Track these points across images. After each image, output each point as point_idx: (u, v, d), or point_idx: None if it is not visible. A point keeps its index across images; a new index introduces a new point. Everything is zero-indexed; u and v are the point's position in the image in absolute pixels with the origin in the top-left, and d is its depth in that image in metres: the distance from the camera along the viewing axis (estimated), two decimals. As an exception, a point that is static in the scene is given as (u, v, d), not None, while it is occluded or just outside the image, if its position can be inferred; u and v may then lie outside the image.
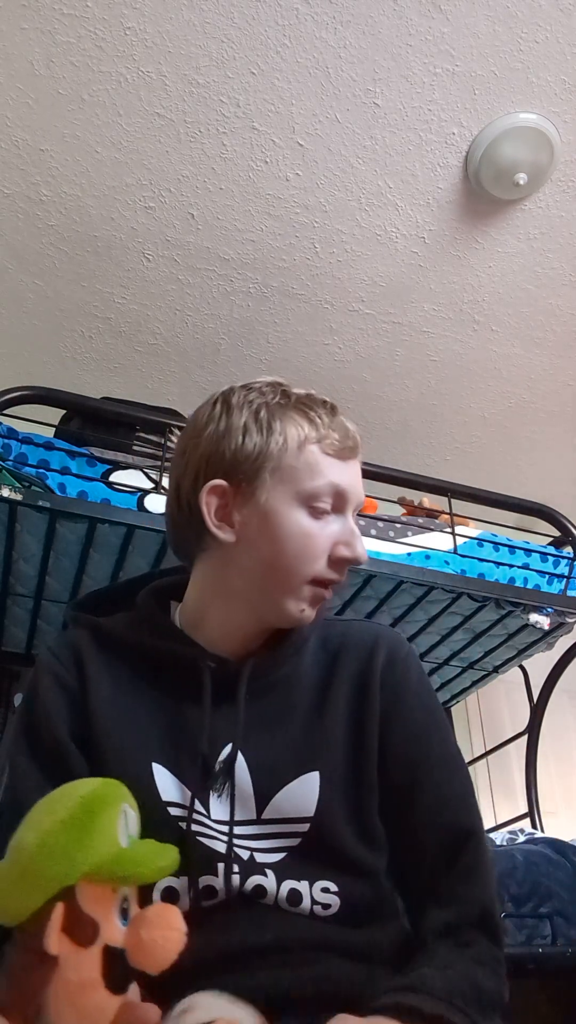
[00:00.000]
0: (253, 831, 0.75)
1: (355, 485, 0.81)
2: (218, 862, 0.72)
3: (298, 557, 0.77)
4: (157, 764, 0.76)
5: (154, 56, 1.73)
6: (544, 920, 1.54)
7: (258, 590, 0.80)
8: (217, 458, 0.80)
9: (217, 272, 2.21)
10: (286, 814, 0.75)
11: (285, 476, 0.78)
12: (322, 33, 1.70)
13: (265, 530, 0.78)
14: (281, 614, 0.80)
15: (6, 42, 1.70)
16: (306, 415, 0.80)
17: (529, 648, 2.17)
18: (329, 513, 0.79)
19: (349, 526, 0.80)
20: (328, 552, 0.78)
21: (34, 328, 2.35)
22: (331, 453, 0.80)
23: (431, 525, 1.96)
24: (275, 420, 0.79)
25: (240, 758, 0.77)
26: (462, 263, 2.21)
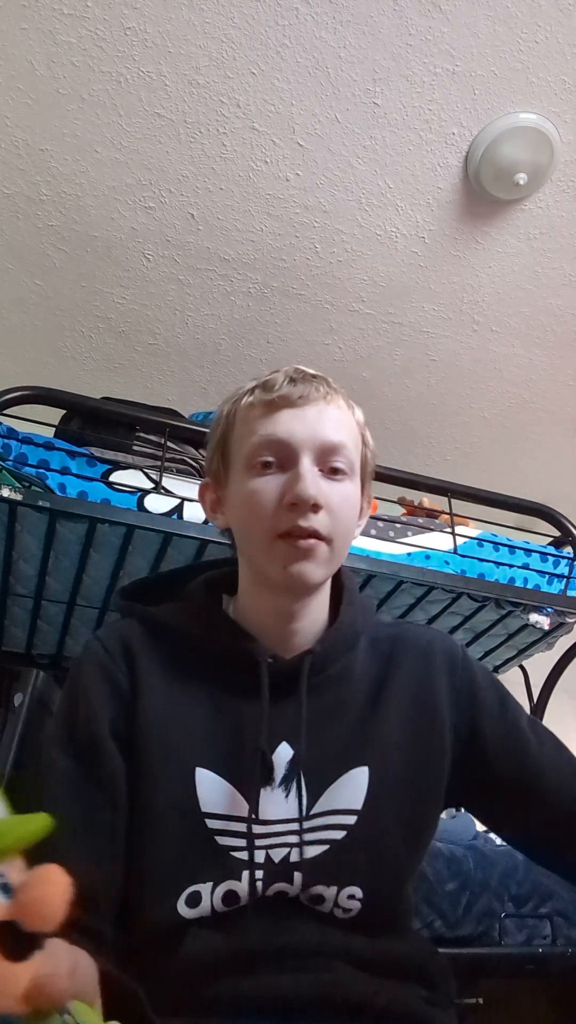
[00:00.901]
0: (299, 828, 0.74)
1: (297, 431, 0.78)
2: (245, 870, 0.71)
3: (250, 517, 0.78)
4: (202, 769, 0.74)
5: (154, 56, 1.73)
6: (544, 920, 1.54)
7: (250, 566, 0.82)
8: (206, 461, 0.87)
9: (217, 272, 2.21)
10: (334, 807, 0.75)
11: (231, 451, 0.82)
12: (322, 33, 1.70)
13: (231, 506, 0.82)
14: (273, 581, 0.79)
15: (6, 42, 1.70)
16: (252, 390, 0.82)
17: (529, 648, 2.17)
18: (274, 466, 0.78)
19: (296, 471, 0.76)
20: (276, 503, 0.76)
21: (34, 328, 2.35)
22: (259, 411, 0.80)
23: (431, 525, 1.96)
24: (225, 407, 0.85)
25: (291, 756, 0.76)
26: (462, 263, 2.21)
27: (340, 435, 0.80)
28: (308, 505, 0.74)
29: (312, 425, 0.78)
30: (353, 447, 0.82)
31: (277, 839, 0.73)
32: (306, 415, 0.79)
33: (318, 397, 0.80)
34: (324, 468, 0.78)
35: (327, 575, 0.80)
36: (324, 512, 0.76)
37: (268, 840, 0.73)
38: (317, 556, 0.76)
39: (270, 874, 0.72)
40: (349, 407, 0.85)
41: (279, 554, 0.76)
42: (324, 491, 0.76)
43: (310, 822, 0.74)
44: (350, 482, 0.80)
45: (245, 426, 0.81)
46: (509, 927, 1.49)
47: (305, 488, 0.74)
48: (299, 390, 0.79)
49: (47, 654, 2.00)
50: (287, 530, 0.75)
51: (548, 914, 1.55)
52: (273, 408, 0.79)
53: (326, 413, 0.80)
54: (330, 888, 0.72)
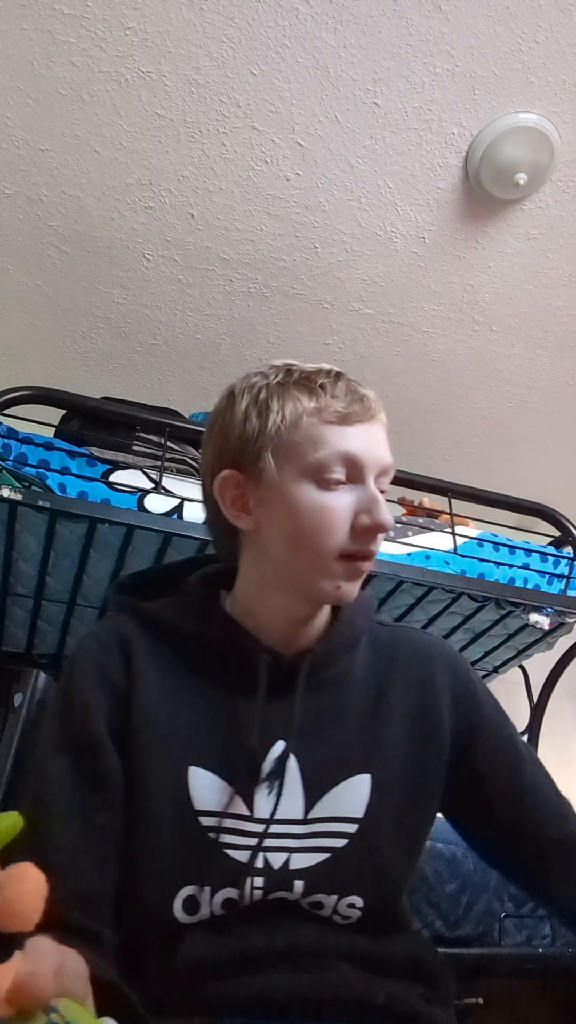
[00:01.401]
0: (298, 830, 0.73)
1: (369, 450, 0.77)
2: (243, 875, 0.70)
3: (317, 533, 0.75)
4: (196, 767, 0.74)
5: (154, 56, 1.73)
6: (544, 920, 1.54)
7: (288, 574, 0.78)
8: (225, 449, 0.81)
9: (217, 272, 2.21)
10: (334, 813, 0.74)
11: (290, 453, 0.76)
12: (322, 33, 1.70)
13: (280, 512, 0.77)
14: (318, 594, 0.78)
15: (6, 42, 1.70)
16: (306, 387, 0.79)
17: (529, 648, 2.17)
18: (344, 483, 0.76)
19: (369, 493, 0.76)
20: (349, 523, 0.75)
21: (34, 328, 2.35)
22: (334, 421, 0.77)
23: (431, 525, 1.96)
24: (273, 399, 0.79)
25: (292, 758, 0.75)
26: (462, 263, 2.21)
27: (390, 459, 0.81)
28: (383, 531, 0.75)
29: (379, 445, 0.79)
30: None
31: (275, 841, 0.72)
32: (374, 434, 0.79)
33: (379, 416, 0.81)
34: (379, 488, 0.78)
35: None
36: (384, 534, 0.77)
37: (266, 841, 0.72)
38: (361, 578, 0.78)
39: (270, 881, 0.71)
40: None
41: (337, 573, 0.76)
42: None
43: (309, 826, 0.74)
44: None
45: (312, 431, 0.76)
46: (509, 927, 1.49)
47: (386, 516, 0.75)
48: (366, 406, 0.79)
49: (47, 654, 2.00)
50: (355, 553, 0.75)
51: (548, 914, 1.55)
52: (348, 421, 0.77)
53: (383, 432, 0.81)
54: (330, 897, 0.72)
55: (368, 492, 0.76)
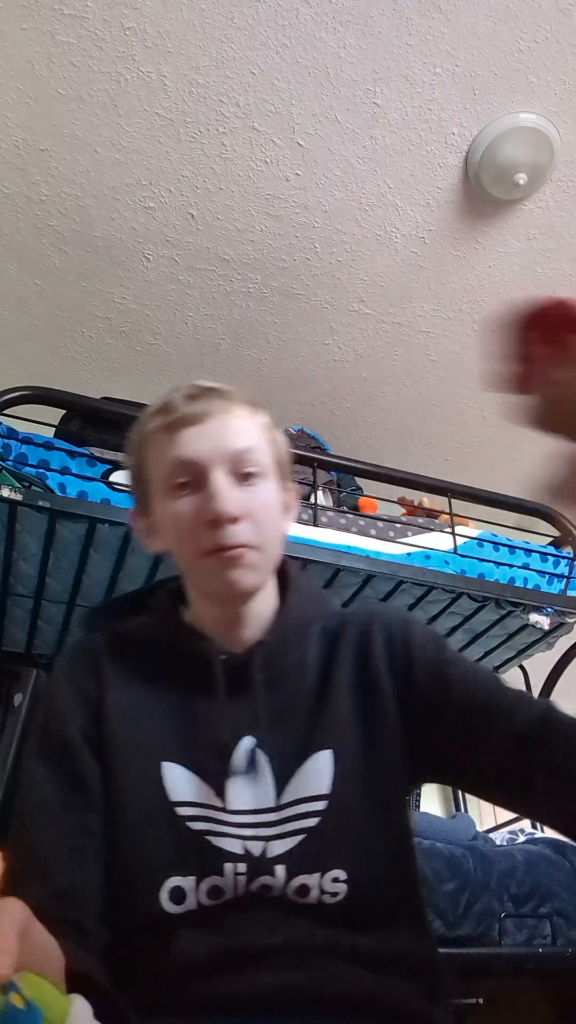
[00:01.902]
0: (271, 818, 0.75)
1: (202, 447, 0.79)
2: (226, 862, 0.72)
3: (179, 540, 0.80)
4: (170, 763, 0.77)
5: (154, 56, 1.73)
6: (544, 920, 1.54)
7: (191, 583, 0.84)
8: (131, 490, 0.90)
9: (217, 272, 2.21)
10: (302, 794, 0.76)
11: (151, 480, 0.84)
12: (322, 33, 1.70)
13: (160, 531, 0.84)
14: (211, 593, 0.82)
15: (6, 42, 1.70)
16: (158, 411, 0.84)
17: (529, 648, 2.17)
18: (188, 486, 0.79)
19: (208, 488, 0.78)
20: (200, 522, 0.77)
21: (34, 328, 2.35)
22: (163, 434, 0.81)
23: (431, 525, 1.96)
24: (136, 439, 0.87)
25: (258, 749, 0.78)
26: (462, 263, 2.21)
27: (244, 440, 0.81)
28: (226, 520, 0.76)
29: (216, 438, 0.80)
30: (262, 449, 0.83)
31: (251, 831, 0.74)
32: (209, 430, 0.80)
33: (217, 410, 0.81)
34: (238, 476, 0.80)
35: (261, 578, 0.82)
36: (245, 521, 0.78)
37: (242, 831, 0.74)
38: (246, 562, 0.78)
39: (252, 867, 0.72)
40: (251, 412, 0.85)
41: (210, 570, 0.78)
42: (241, 500, 0.78)
43: (281, 812, 0.75)
44: (266, 482, 0.82)
45: (154, 452, 0.83)
46: (509, 927, 1.49)
47: (221, 504, 0.76)
48: (198, 407, 0.81)
49: (47, 654, 2.01)
50: (212, 547, 0.77)
51: (548, 914, 1.55)
52: (175, 429, 0.80)
53: (228, 423, 0.81)
54: (313, 875, 0.73)
55: (207, 487, 0.78)
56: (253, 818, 0.75)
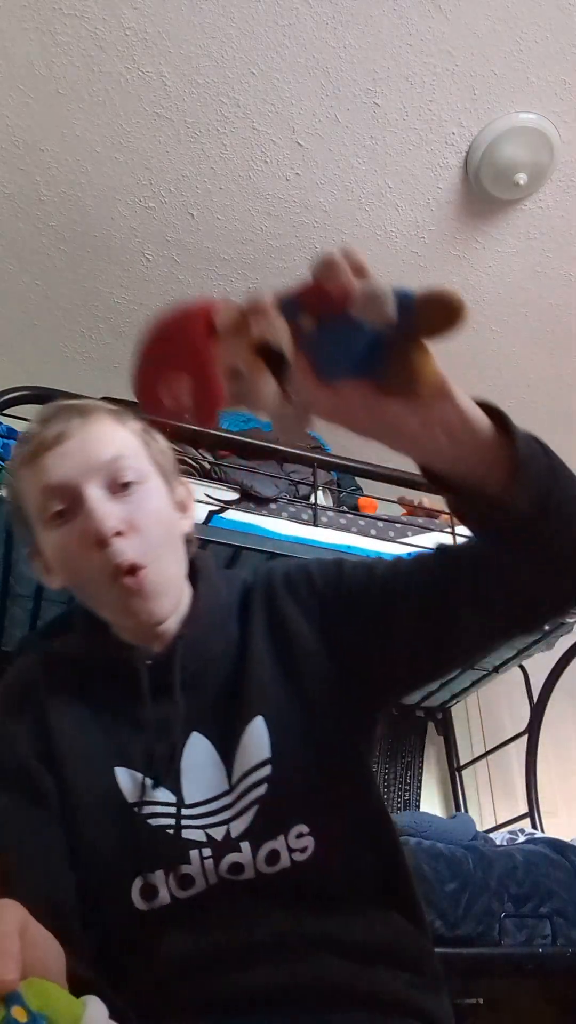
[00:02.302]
0: (228, 801, 0.75)
1: (64, 470, 0.75)
2: (191, 849, 0.73)
3: (72, 572, 0.77)
4: (121, 768, 0.77)
5: (154, 56, 1.73)
6: (544, 920, 1.54)
7: (100, 613, 0.81)
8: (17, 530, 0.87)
9: (217, 272, 2.21)
10: (248, 765, 0.76)
11: (31, 516, 0.80)
12: (322, 33, 1.70)
13: (54, 567, 0.80)
14: (121, 624, 0.80)
15: (6, 42, 1.70)
16: (15, 452, 0.81)
17: (529, 648, 2.17)
18: (65, 513, 0.75)
19: (84, 510, 0.74)
20: (84, 545, 0.74)
21: (34, 328, 2.35)
22: (27, 466, 0.78)
23: (431, 525, 1.97)
24: (7, 479, 0.83)
25: (207, 744, 0.78)
26: (462, 263, 2.21)
27: (111, 450, 0.77)
28: (108, 537, 0.72)
29: (79, 455, 0.76)
30: (135, 453, 0.79)
31: (211, 818, 0.75)
32: (70, 449, 0.76)
33: (76, 426, 0.77)
34: (114, 488, 0.76)
35: (174, 598, 0.79)
36: (130, 533, 0.74)
37: (203, 820, 0.75)
38: (149, 589, 0.75)
39: (218, 850, 0.73)
40: (115, 419, 0.81)
41: (115, 596, 0.75)
42: (122, 513, 0.74)
43: (235, 792, 0.76)
44: (147, 486, 0.78)
45: (25, 486, 0.79)
46: (509, 927, 1.49)
47: (99, 524, 0.72)
48: (55, 428, 0.77)
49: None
50: (108, 571, 0.73)
51: (548, 914, 1.55)
52: (37, 456, 0.77)
53: (89, 437, 0.77)
54: (278, 838, 0.73)
55: (83, 510, 0.74)
56: (212, 806, 0.75)
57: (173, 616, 0.81)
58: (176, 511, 0.83)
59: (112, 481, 0.76)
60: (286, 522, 1.73)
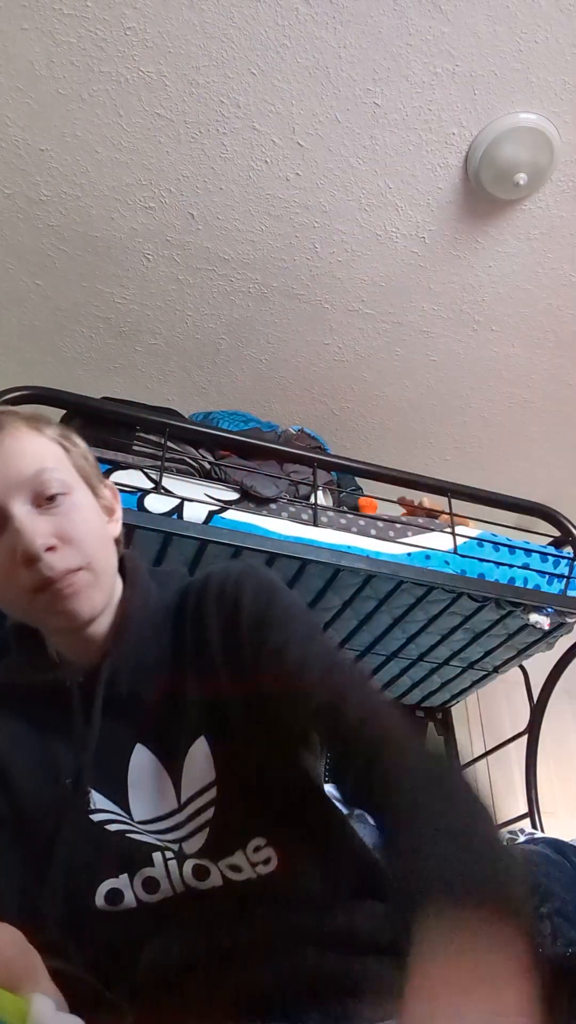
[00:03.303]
0: (177, 820, 0.75)
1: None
2: (152, 852, 0.73)
3: (0, 587, 0.74)
4: (69, 781, 0.76)
5: (154, 56, 1.73)
6: (544, 920, 1.54)
7: (30, 624, 0.80)
8: None
9: (217, 272, 2.21)
10: (195, 788, 0.75)
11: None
12: (322, 33, 1.70)
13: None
14: (50, 629, 0.78)
15: (6, 42, 1.70)
16: None
17: (529, 648, 2.17)
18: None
19: (10, 528, 0.72)
20: (14, 563, 0.72)
21: (34, 328, 2.35)
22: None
23: (431, 525, 1.96)
24: None
25: (151, 756, 0.77)
26: (462, 263, 2.21)
27: (33, 463, 0.74)
28: (40, 554, 0.71)
29: (1, 470, 0.73)
30: (56, 464, 0.77)
31: (163, 836, 0.74)
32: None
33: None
34: (40, 502, 0.74)
35: (103, 596, 0.77)
36: (63, 546, 0.73)
37: (154, 838, 0.74)
38: (80, 587, 0.73)
39: (177, 854, 0.73)
40: (33, 428, 0.78)
41: (45, 605, 0.73)
42: (51, 527, 0.73)
43: (184, 811, 0.75)
44: (73, 497, 0.76)
45: None
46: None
47: (29, 542, 0.70)
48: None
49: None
50: (39, 584, 0.72)
51: (548, 914, 1.55)
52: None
53: (8, 452, 0.74)
54: (236, 854, 0.73)
55: (11, 527, 0.72)
56: (161, 824, 0.75)
57: (104, 617, 0.78)
58: (104, 515, 0.81)
59: (37, 495, 0.74)
60: (286, 522, 1.73)
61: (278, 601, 0.80)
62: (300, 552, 1.64)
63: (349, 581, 1.79)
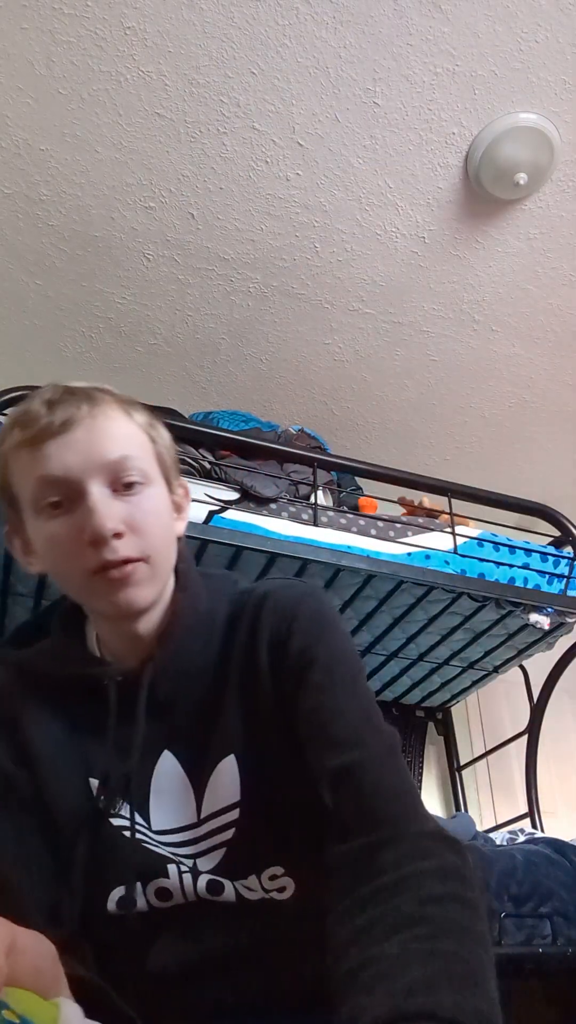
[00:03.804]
0: (193, 835, 0.74)
1: (67, 464, 0.71)
2: (168, 863, 0.72)
3: (59, 562, 0.74)
4: (94, 780, 0.76)
5: (154, 56, 1.73)
6: (544, 920, 1.54)
7: (80, 602, 0.79)
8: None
9: (217, 272, 2.21)
10: (217, 806, 0.74)
11: (21, 499, 0.76)
12: (322, 33, 1.70)
13: (38, 552, 0.76)
14: (103, 613, 0.77)
15: (6, 42, 1.70)
16: (11, 428, 0.75)
17: (529, 648, 2.17)
18: (62, 504, 0.72)
19: (86, 506, 0.71)
20: (81, 541, 0.71)
21: (34, 328, 2.35)
22: (25, 450, 0.73)
23: (431, 525, 1.96)
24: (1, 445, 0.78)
25: (176, 764, 0.76)
26: (462, 263, 2.21)
27: (119, 448, 0.73)
28: (108, 538, 0.70)
29: (85, 449, 0.72)
30: (141, 452, 0.76)
31: (176, 849, 0.74)
32: (76, 440, 0.72)
33: (82, 416, 0.73)
34: (117, 487, 0.73)
35: (156, 591, 0.76)
36: (129, 535, 0.72)
37: (168, 850, 0.74)
38: (137, 579, 0.72)
39: (191, 872, 0.73)
40: (125, 411, 0.77)
41: (99, 590, 0.72)
42: (123, 513, 0.72)
43: (201, 828, 0.74)
44: (150, 488, 0.75)
45: (19, 470, 0.74)
46: (509, 927, 1.49)
47: (100, 522, 0.70)
48: (60, 415, 0.72)
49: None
50: (97, 566, 0.71)
51: (548, 914, 1.55)
52: (37, 444, 0.72)
53: (96, 430, 0.73)
54: (249, 878, 0.72)
55: (84, 505, 0.71)
56: (176, 836, 0.74)
57: (152, 614, 0.77)
58: (173, 511, 0.80)
59: (116, 480, 0.73)
60: (286, 522, 1.73)
61: (329, 637, 0.78)
62: (300, 552, 1.64)
63: (349, 581, 1.79)
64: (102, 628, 0.80)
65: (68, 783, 0.76)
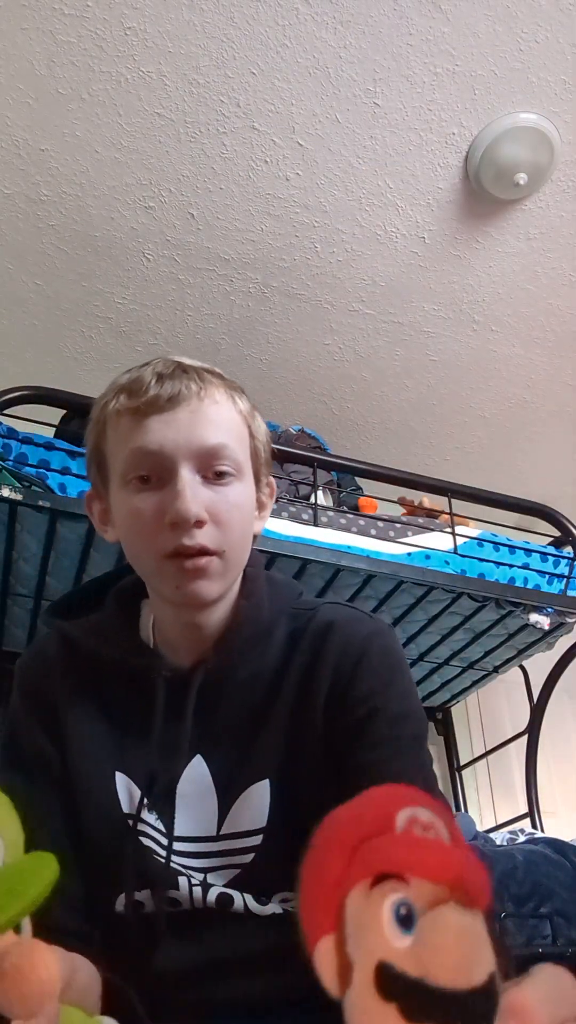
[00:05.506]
0: (210, 848, 0.72)
1: (167, 440, 0.69)
2: (180, 876, 0.71)
3: (134, 538, 0.72)
4: (121, 774, 0.75)
5: (154, 56, 1.73)
6: (544, 920, 1.54)
7: (145, 580, 0.77)
8: (87, 467, 0.81)
9: (217, 272, 2.21)
10: (241, 827, 0.72)
11: (110, 465, 0.75)
12: (322, 33, 1.70)
13: (116, 521, 0.75)
14: (167, 598, 0.74)
15: (6, 42, 1.70)
16: (124, 389, 0.74)
17: (529, 648, 2.17)
18: (150, 481, 0.70)
19: (173, 487, 0.69)
20: (161, 522, 0.69)
21: (34, 328, 2.35)
22: (127, 418, 0.72)
23: (431, 525, 1.96)
24: (96, 415, 0.77)
25: (206, 771, 0.74)
26: (462, 263, 2.21)
27: (219, 436, 0.72)
28: (190, 524, 0.68)
29: (186, 430, 0.70)
30: (238, 444, 0.74)
31: (190, 860, 0.72)
32: (178, 419, 0.71)
33: (190, 395, 0.72)
34: (208, 474, 0.71)
35: (225, 587, 0.74)
36: (210, 525, 0.70)
37: (183, 859, 0.72)
38: (209, 572, 0.70)
39: (201, 885, 0.72)
40: (230, 397, 0.75)
41: (169, 575, 0.71)
42: (208, 502, 0.70)
43: (220, 843, 0.72)
44: (239, 483, 0.73)
45: (115, 435, 0.73)
46: (509, 927, 1.49)
47: (185, 506, 0.68)
48: (168, 390, 0.71)
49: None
50: (173, 550, 0.69)
51: (548, 914, 1.55)
52: (141, 415, 0.71)
53: (201, 412, 0.72)
54: (261, 897, 0.72)
55: (172, 485, 0.69)
56: (192, 846, 0.72)
57: (215, 611, 0.75)
58: (255, 508, 0.78)
59: (208, 467, 0.71)
60: (286, 522, 1.73)
61: (398, 685, 0.75)
62: (300, 552, 1.64)
63: (349, 581, 1.79)
64: (162, 612, 0.77)
65: (96, 773, 0.75)
